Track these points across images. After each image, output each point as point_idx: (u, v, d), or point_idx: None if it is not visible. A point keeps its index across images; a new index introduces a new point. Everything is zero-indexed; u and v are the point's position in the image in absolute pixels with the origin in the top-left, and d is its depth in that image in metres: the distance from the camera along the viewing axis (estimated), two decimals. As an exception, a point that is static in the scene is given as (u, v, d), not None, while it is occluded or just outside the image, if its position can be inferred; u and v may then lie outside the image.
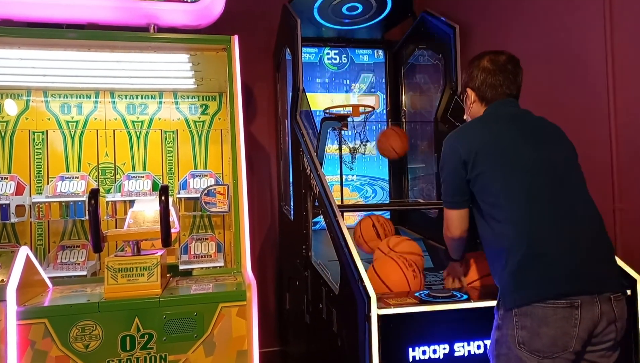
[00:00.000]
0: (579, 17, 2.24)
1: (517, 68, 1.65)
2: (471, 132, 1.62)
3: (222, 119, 3.04)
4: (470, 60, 1.72)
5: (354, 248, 1.83)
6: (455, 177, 1.60)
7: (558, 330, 1.34)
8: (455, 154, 1.58)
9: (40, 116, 2.83)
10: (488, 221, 1.53)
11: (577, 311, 1.34)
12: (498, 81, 1.63)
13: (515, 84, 1.65)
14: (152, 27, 2.44)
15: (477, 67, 1.67)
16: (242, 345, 1.89)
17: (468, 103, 1.73)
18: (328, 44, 3.64)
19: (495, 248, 1.52)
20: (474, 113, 1.71)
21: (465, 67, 1.73)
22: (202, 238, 2.91)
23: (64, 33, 2.27)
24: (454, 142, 1.61)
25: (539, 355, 1.36)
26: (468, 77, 1.71)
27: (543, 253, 1.40)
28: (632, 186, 2.02)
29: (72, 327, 1.79)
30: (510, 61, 1.65)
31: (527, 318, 1.37)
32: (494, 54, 1.66)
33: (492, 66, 1.64)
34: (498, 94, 1.64)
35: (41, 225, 2.78)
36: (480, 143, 1.55)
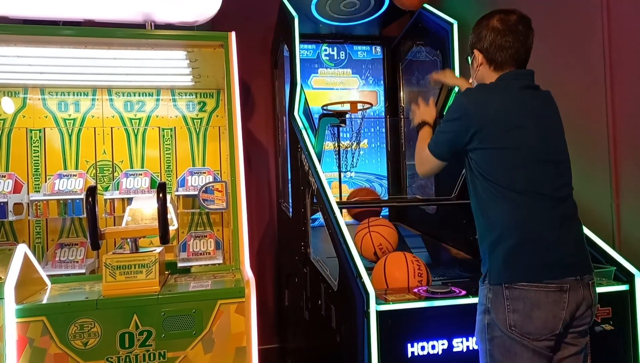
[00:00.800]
0: (578, 14, 2.24)
1: (529, 29, 1.57)
2: (490, 99, 1.53)
3: (219, 116, 3.04)
4: (478, 20, 1.63)
5: (352, 245, 1.83)
6: (454, 139, 1.57)
7: (549, 313, 1.39)
8: (466, 120, 1.52)
9: (38, 113, 2.82)
10: (486, 193, 1.51)
11: (566, 295, 1.40)
12: (508, 42, 1.54)
13: (525, 47, 1.56)
14: (149, 24, 2.43)
15: (486, 27, 1.57)
16: (240, 342, 1.89)
17: (475, 65, 1.64)
18: (326, 40, 3.63)
19: (488, 221, 1.51)
20: (481, 76, 1.63)
21: (473, 27, 1.64)
22: (201, 236, 2.90)
23: (60, 30, 2.26)
24: (468, 107, 1.53)
25: (529, 338, 1.40)
26: (476, 37, 1.61)
27: (539, 239, 1.44)
28: (631, 182, 2.02)
29: (70, 324, 1.79)
30: (522, 20, 1.55)
31: (520, 302, 1.41)
32: (504, 13, 1.56)
33: (502, 26, 1.54)
34: (508, 57, 1.55)
35: (39, 223, 2.78)
36: (495, 118, 1.50)
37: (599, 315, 1.78)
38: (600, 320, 1.78)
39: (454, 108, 1.60)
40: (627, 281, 1.80)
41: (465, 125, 1.52)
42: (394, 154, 3.65)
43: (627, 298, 1.80)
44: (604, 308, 1.78)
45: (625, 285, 1.81)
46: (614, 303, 1.80)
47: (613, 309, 1.79)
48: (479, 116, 1.50)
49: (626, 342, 1.78)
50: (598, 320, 1.78)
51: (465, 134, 1.52)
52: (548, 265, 1.42)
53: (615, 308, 1.80)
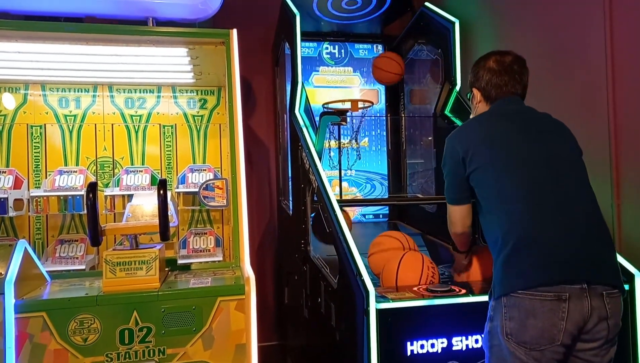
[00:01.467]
0: (579, 11, 2.23)
1: (523, 69, 1.67)
2: (469, 130, 1.66)
3: (220, 114, 3.03)
4: (476, 60, 1.74)
5: (352, 243, 1.83)
6: (455, 175, 1.64)
7: (545, 322, 1.35)
8: (454, 153, 1.62)
9: (39, 110, 2.82)
10: (485, 214, 1.57)
11: (565, 304, 1.34)
12: (503, 81, 1.65)
13: (521, 84, 1.67)
14: (150, 21, 2.43)
15: (483, 67, 1.69)
16: (240, 339, 1.89)
17: (474, 103, 1.76)
18: (327, 38, 3.63)
19: (491, 239, 1.54)
20: (479, 112, 1.74)
21: (472, 67, 1.76)
22: (201, 233, 2.90)
23: (62, 26, 2.25)
24: (453, 141, 1.65)
25: (525, 347, 1.37)
26: (474, 77, 1.73)
27: (531, 243, 1.41)
28: (631, 182, 2.02)
29: (70, 320, 1.79)
30: (516, 61, 1.67)
31: (515, 309, 1.39)
32: (499, 55, 1.68)
33: (498, 67, 1.66)
34: (503, 94, 1.66)
35: (39, 219, 2.78)
36: (477, 139, 1.58)
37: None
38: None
39: (445, 150, 1.69)
40: (627, 281, 1.80)
41: (455, 157, 1.62)
42: (395, 152, 3.65)
43: (628, 298, 1.79)
44: (603, 308, 1.78)
45: (625, 285, 1.81)
46: (613, 302, 1.79)
47: (613, 309, 1.79)
48: (462, 142, 1.60)
49: (626, 341, 1.78)
50: None
51: (459, 164, 1.60)
52: (540, 270, 1.37)
53: (615, 308, 1.79)
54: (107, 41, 2.31)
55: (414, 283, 1.95)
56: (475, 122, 1.68)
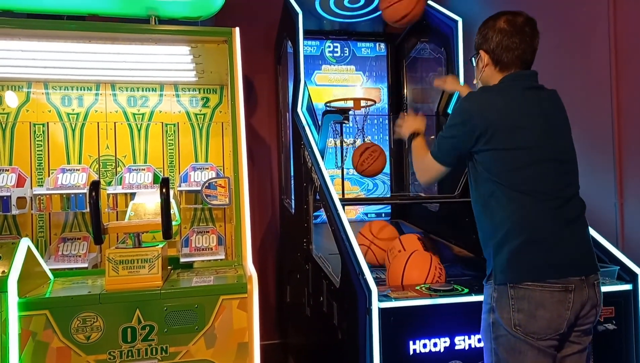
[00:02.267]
0: (583, 9, 2.22)
1: (535, 31, 1.57)
2: (492, 104, 1.52)
3: (223, 112, 3.03)
4: (484, 20, 1.62)
5: (355, 242, 1.83)
6: (457, 144, 1.56)
7: (554, 312, 1.40)
8: (471, 124, 1.51)
9: (41, 108, 2.82)
10: (491, 195, 1.51)
11: (571, 295, 1.41)
12: (515, 44, 1.54)
13: (532, 48, 1.56)
14: (153, 19, 2.43)
15: (493, 28, 1.57)
16: (242, 337, 1.90)
17: (480, 66, 1.64)
18: (329, 37, 3.62)
19: (492, 222, 1.51)
20: (485, 77, 1.63)
21: (479, 28, 1.64)
22: (203, 231, 2.90)
23: (64, 24, 2.25)
24: (471, 111, 1.53)
25: (533, 337, 1.41)
26: (482, 38, 1.60)
27: (544, 238, 1.44)
28: (635, 181, 2.01)
29: (73, 318, 1.79)
30: (528, 22, 1.56)
31: (525, 302, 1.41)
32: (511, 15, 1.57)
33: (509, 27, 1.54)
34: (514, 58, 1.55)
35: (42, 217, 2.78)
36: (499, 119, 1.49)
37: (602, 314, 1.77)
38: (603, 319, 1.78)
39: (457, 113, 1.59)
40: (631, 281, 1.79)
41: (469, 129, 1.52)
42: (397, 151, 3.64)
43: (630, 298, 1.79)
44: (607, 308, 1.78)
45: (629, 285, 1.81)
46: (617, 302, 1.79)
47: (616, 308, 1.79)
48: (483, 118, 1.50)
49: (629, 341, 1.78)
50: (601, 319, 1.77)
51: (470, 138, 1.52)
52: (553, 265, 1.42)
53: (618, 308, 1.79)
54: (110, 39, 2.31)
55: (419, 282, 1.95)
56: (497, 96, 1.54)
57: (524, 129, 1.49)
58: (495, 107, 1.51)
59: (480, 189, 1.55)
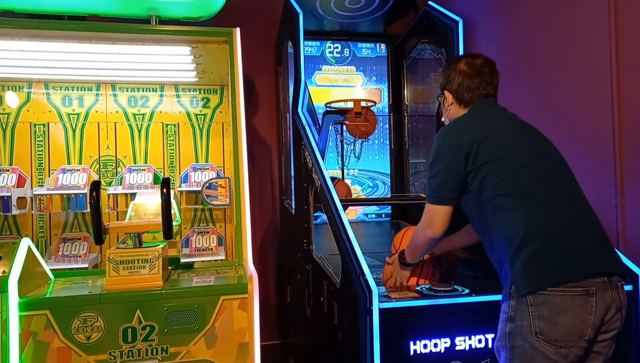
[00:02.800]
0: (584, 10, 2.22)
1: (493, 71, 1.70)
2: (468, 124, 1.61)
3: (223, 113, 3.04)
4: (447, 63, 1.78)
5: (355, 242, 1.83)
6: (451, 172, 1.57)
7: (576, 317, 1.35)
8: (455, 148, 1.56)
9: (42, 108, 2.82)
10: (495, 210, 1.51)
11: (593, 298, 1.36)
12: (475, 84, 1.68)
13: (492, 86, 1.70)
14: (153, 20, 2.43)
15: (455, 70, 1.72)
16: (243, 338, 1.90)
17: (446, 105, 1.78)
18: (330, 37, 3.62)
19: (502, 236, 1.49)
20: (452, 115, 1.75)
21: (442, 70, 1.78)
22: (204, 231, 2.91)
23: (65, 25, 2.26)
24: (451, 136, 1.59)
25: (556, 345, 1.36)
26: (445, 80, 1.75)
27: (555, 239, 1.41)
28: (636, 181, 2.01)
29: (73, 318, 1.79)
30: (487, 64, 1.70)
31: (545, 308, 1.37)
32: (470, 57, 1.72)
33: (469, 69, 1.69)
34: (475, 96, 1.68)
35: (42, 217, 2.78)
36: (481, 134, 1.55)
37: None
38: None
39: (439, 146, 1.61)
40: (632, 282, 1.79)
41: (457, 151, 1.56)
42: (397, 152, 3.64)
43: (631, 299, 1.79)
44: (607, 308, 1.77)
45: (629, 286, 1.80)
46: (617, 303, 1.78)
47: (617, 309, 1.78)
48: (467, 137, 1.55)
49: (630, 342, 1.77)
50: None
51: (462, 160, 1.55)
52: (572, 264, 1.39)
53: (619, 309, 1.78)
54: (110, 39, 2.31)
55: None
56: (469, 118, 1.66)
57: (504, 138, 1.55)
58: (474, 128, 1.59)
59: (483, 211, 1.55)
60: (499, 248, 1.53)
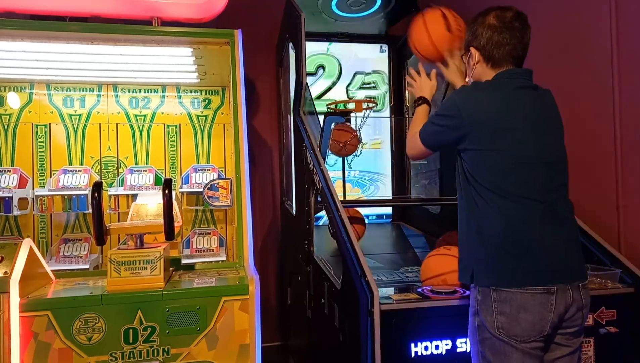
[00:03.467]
0: (585, 10, 2.22)
1: (525, 26, 1.56)
2: (482, 103, 1.52)
3: (224, 114, 3.04)
4: (474, 17, 1.62)
5: (356, 243, 1.83)
6: (443, 133, 1.59)
7: (536, 315, 1.40)
8: (456, 119, 1.52)
9: (43, 109, 2.83)
10: (473, 195, 1.52)
11: (553, 297, 1.41)
12: (505, 39, 1.53)
13: (522, 43, 1.56)
14: (155, 21, 2.43)
15: (482, 24, 1.56)
16: (244, 339, 1.89)
17: (471, 63, 1.63)
18: (332, 39, 3.62)
19: (477, 225, 1.51)
20: (477, 75, 1.63)
21: (469, 25, 1.64)
22: (205, 233, 2.91)
23: (67, 26, 2.26)
24: (461, 107, 1.52)
25: (516, 340, 1.41)
26: (472, 35, 1.60)
27: (528, 245, 1.43)
28: (636, 183, 2.01)
29: (75, 319, 1.79)
30: (518, 17, 1.55)
31: (507, 305, 1.42)
32: (500, 10, 1.56)
33: (499, 23, 1.54)
34: (505, 54, 1.55)
35: (44, 218, 2.78)
36: (487, 120, 1.49)
37: (604, 317, 1.77)
38: (605, 322, 1.77)
39: (447, 105, 1.59)
40: (633, 284, 1.79)
41: (455, 124, 1.53)
42: (398, 153, 3.64)
43: (633, 301, 1.79)
44: (609, 311, 1.77)
45: (631, 288, 1.80)
46: (619, 305, 1.79)
47: (618, 311, 1.78)
48: (470, 116, 1.51)
49: (631, 344, 1.77)
50: (603, 322, 1.77)
51: (454, 133, 1.54)
52: (535, 272, 1.42)
53: (620, 311, 1.79)
54: (112, 41, 2.31)
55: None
56: (489, 95, 1.53)
57: (513, 131, 1.48)
58: (484, 106, 1.51)
59: (466, 189, 1.56)
60: (467, 229, 1.56)
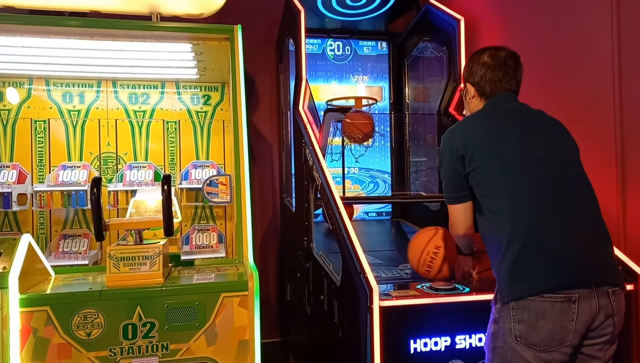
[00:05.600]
0: (586, 9, 2.22)
1: (517, 64, 1.65)
2: (467, 126, 1.62)
3: (224, 110, 3.03)
4: (470, 55, 1.72)
5: (355, 240, 1.83)
6: (454, 173, 1.60)
7: (555, 323, 1.35)
8: (452, 151, 1.58)
9: (42, 104, 2.82)
10: (486, 214, 1.53)
11: (575, 305, 1.35)
12: (498, 77, 1.63)
13: (515, 80, 1.65)
14: (155, 16, 2.42)
15: (477, 62, 1.67)
16: (243, 335, 1.90)
17: (468, 98, 1.73)
18: (331, 35, 3.61)
19: (493, 241, 1.51)
20: (473, 108, 1.71)
21: (466, 62, 1.74)
22: (204, 229, 2.91)
23: (66, 21, 2.25)
24: (450, 138, 1.61)
25: (535, 349, 1.36)
26: (468, 72, 1.71)
27: (541, 246, 1.39)
28: (638, 180, 2.01)
29: (74, 314, 1.79)
30: (511, 56, 1.65)
31: (525, 312, 1.37)
32: (494, 50, 1.66)
33: (492, 61, 1.64)
34: (497, 89, 1.64)
35: (43, 214, 2.78)
36: (477, 137, 1.55)
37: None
38: None
39: (442, 148, 1.65)
40: (633, 281, 1.79)
41: (454, 153, 1.58)
42: (398, 150, 3.63)
43: (632, 298, 1.79)
44: (608, 308, 1.77)
45: (630, 285, 1.80)
46: (618, 302, 1.78)
47: (617, 308, 1.78)
48: (463, 140, 1.56)
49: (630, 342, 1.77)
50: None
51: (459, 162, 1.57)
52: (551, 273, 1.37)
53: (619, 308, 1.78)
54: (111, 36, 2.31)
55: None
56: (473, 119, 1.64)
57: (503, 139, 1.52)
58: (473, 129, 1.59)
59: (480, 210, 1.56)
60: (490, 251, 1.55)
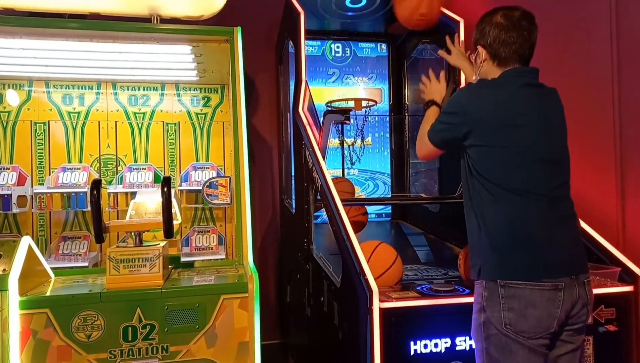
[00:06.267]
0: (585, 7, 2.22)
1: (532, 25, 1.57)
2: (487, 99, 1.53)
3: (224, 112, 3.03)
4: (482, 16, 1.63)
5: (355, 241, 1.83)
6: (449, 131, 1.59)
7: (544, 311, 1.40)
8: (461, 117, 1.53)
9: (42, 106, 2.82)
10: (482, 193, 1.51)
11: (561, 293, 1.41)
12: (512, 38, 1.54)
13: (529, 42, 1.56)
14: (154, 18, 2.43)
15: (489, 23, 1.57)
16: (243, 337, 1.89)
17: (478, 62, 1.64)
18: (331, 37, 3.62)
19: (484, 221, 1.51)
20: (484, 73, 1.64)
21: (477, 23, 1.65)
22: (204, 231, 2.90)
23: (66, 23, 2.25)
24: (466, 104, 1.54)
25: (524, 336, 1.41)
26: (479, 33, 1.61)
27: (536, 240, 1.44)
28: (637, 181, 2.01)
29: (74, 317, 1.79)
30: (525, 17, 1.55)
31: (515, 301, 1.42)
32: (507, 9, 1.56)
33: (506, 22, 1.54)
34: (512, 53, 1.55)
35: (43, 216, 2.78)
36: (492, 117, 1.50)
37: (603, 315, 1.77)
38: (604, 320, 1.77)
39: (452, 102, 1.61)
40: (632, 283, 1.79)
41: (460, 121, 1.54)
42: (398, 152, 3.64)
43: (632, 300, 1.79)
44: (608, 309, 1.78)
45: (630, 286, 1.80)
46: (618, 304, 1.79)
47: (617, 310, 1.79)
48: (474, 113, 1.52)
49: (630, 343, 1.77)
50: (602, 320, 1.77)
51: (460, 130, 1.54)
52: (543, 264, 1.43)
53: (619, 309, 1.79)
54: (111, 38, 2.31)
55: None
56: (495, 92, 1.54)
57: (517, 128, 1.49)
58: (490, 104, 1.51)
59: (472, 185, 1.56)
60: (474, 225, 1.55)
